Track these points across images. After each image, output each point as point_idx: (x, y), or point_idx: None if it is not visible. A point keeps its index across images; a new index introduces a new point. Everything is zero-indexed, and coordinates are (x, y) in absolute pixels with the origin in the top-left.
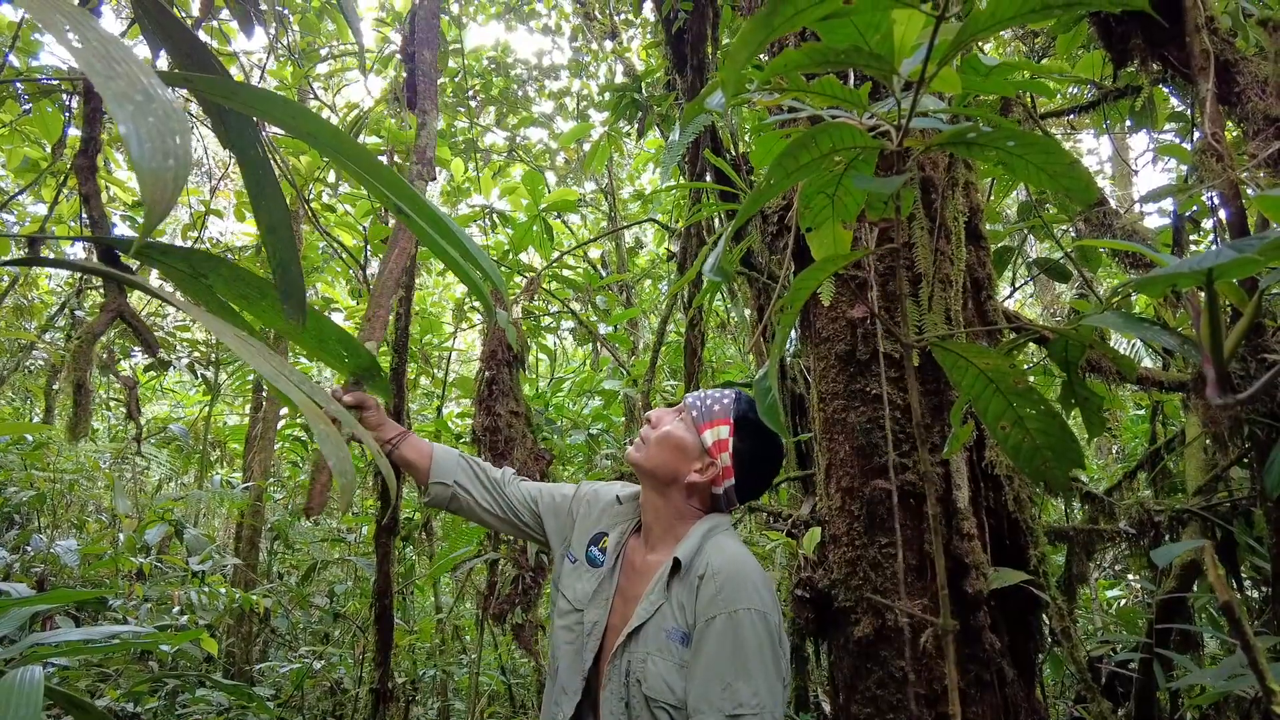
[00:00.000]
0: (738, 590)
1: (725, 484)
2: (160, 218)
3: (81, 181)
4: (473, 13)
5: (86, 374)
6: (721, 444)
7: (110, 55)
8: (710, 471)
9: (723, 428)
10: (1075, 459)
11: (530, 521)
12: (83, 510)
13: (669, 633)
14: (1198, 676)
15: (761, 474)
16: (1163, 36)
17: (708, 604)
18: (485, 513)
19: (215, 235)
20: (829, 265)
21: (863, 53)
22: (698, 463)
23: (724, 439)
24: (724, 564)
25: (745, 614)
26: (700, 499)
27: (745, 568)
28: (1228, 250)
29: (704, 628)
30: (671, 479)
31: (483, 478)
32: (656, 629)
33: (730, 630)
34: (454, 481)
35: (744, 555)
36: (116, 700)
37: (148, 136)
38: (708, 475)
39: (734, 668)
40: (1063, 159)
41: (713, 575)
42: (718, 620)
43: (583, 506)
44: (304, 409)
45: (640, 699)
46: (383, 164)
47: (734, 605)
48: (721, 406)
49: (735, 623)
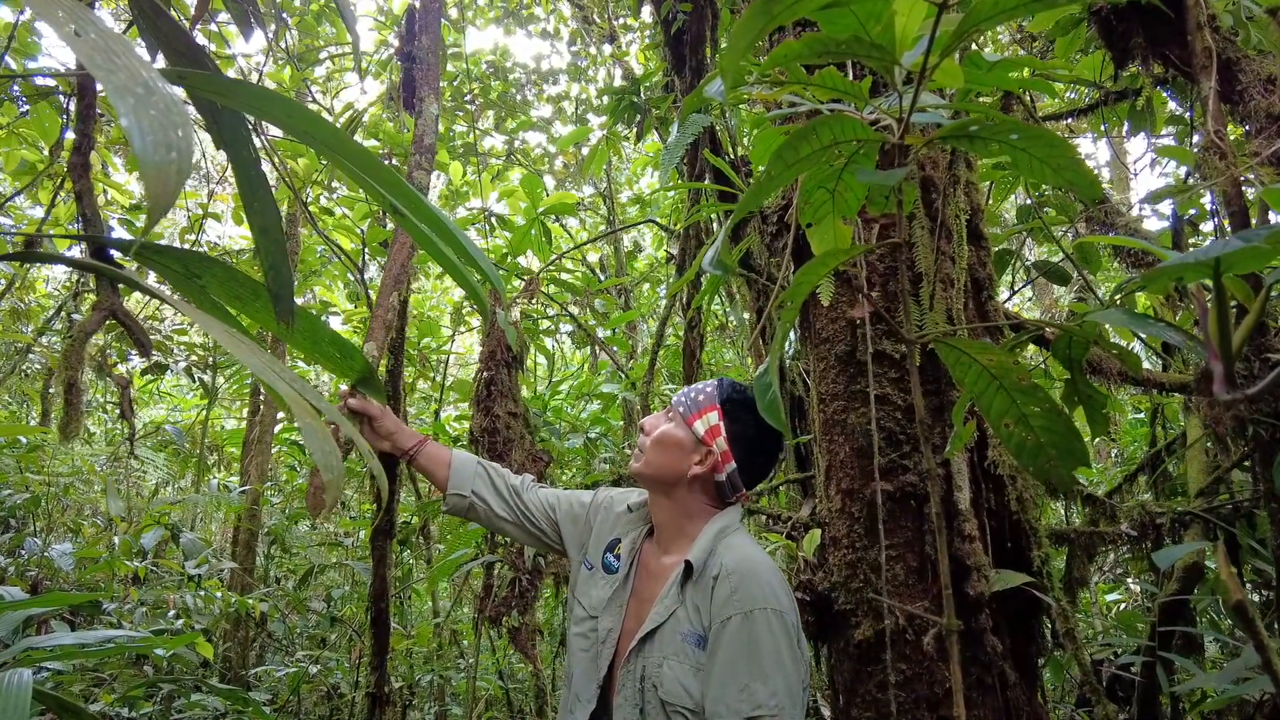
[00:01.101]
0: (753, 590)
1: (727, 469)
2: (164, 211)
3: (75, 179)
4: (471, 17)
5: (79, 373)
6: (713, 430)
7: (110, 49)
8: (709, 460)
9: (711, 414)
10: (1080, 457)
11: (548, 529)
12: (78, 514)
13: (684, 635)
14: (1202, 680)
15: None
16: (1164, 35)
17: (723, 605)
18: (503, 521)
19: (213, 239)
20: (830, 260)
21: (864, 43)
22: (695, 455)
23: (715, 424)
24: (737, 564)
25: (761, 614)
26: (706, 492)
27: (759, 567)
28: (1235, 240)
29: (719, 629)
30: (675, 479)
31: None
32: (672, 632)
33: (746, 631)
34: (471, 491)
35: (757, 554)
36: (111, 705)
37: (150, 130)
38: (707, 464)
39: (750, 669)
40: (1067, 152)
41: (726, 576)
42: (733, 621)
43: (600, 513)
44: (291, 404)
45: (656, 704)
46: (381, 163)
47: (750, 605)
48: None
49: (751, 623)
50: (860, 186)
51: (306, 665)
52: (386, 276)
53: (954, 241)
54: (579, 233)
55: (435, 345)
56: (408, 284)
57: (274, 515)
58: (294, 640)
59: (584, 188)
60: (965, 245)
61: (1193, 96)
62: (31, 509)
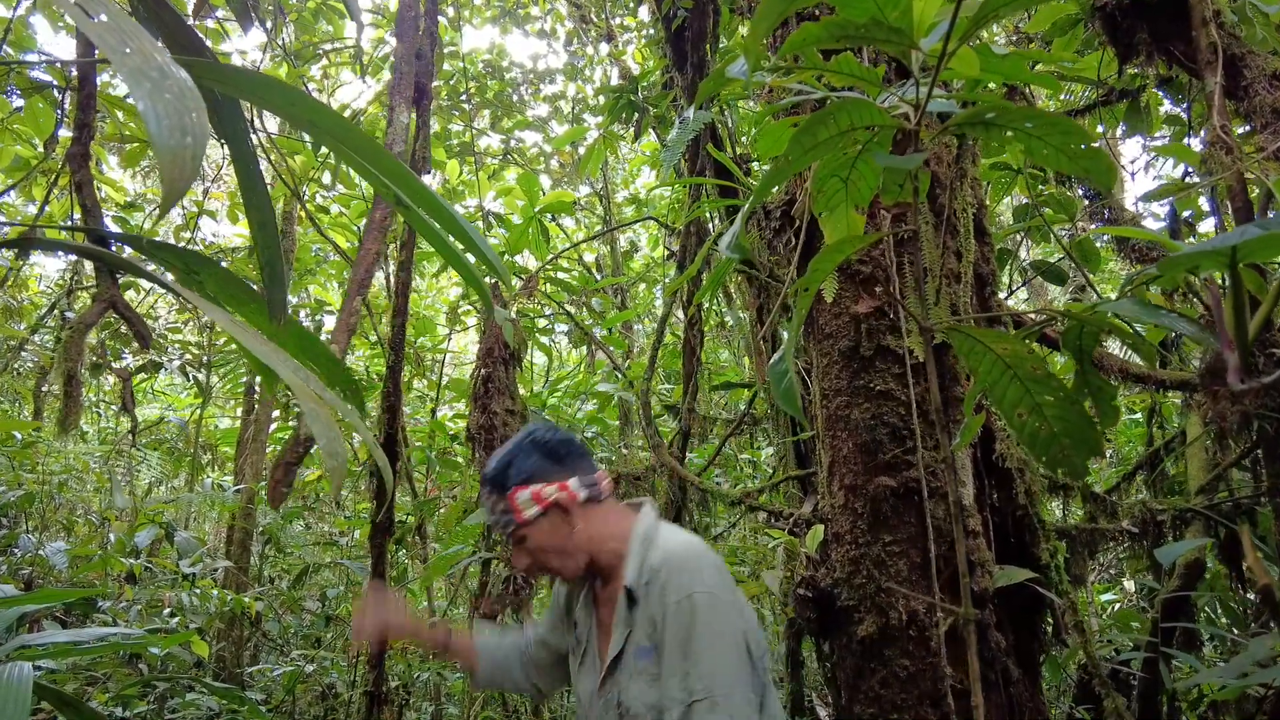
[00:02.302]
0: (679, 579)
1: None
2: (179, 195)
3: (74, 169)
4: (468, 16)
5: (78, 365)
6: (535, 496)
7: (124, 30)
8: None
9: (519, 495)
10: (1094, 447)
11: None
12: (72, 512)
13: (640, 652)
14: (1206, 676)
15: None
16: (1168, 31)
17: (657, 603)
18: (532, 685)
19: (208, 237)
20: (845, 247)
21: (882, 27)
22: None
23: (531, 493)
24: (662, 560)
25: (688, 600)
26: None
27: (682, 554)
28: (1252, 229)
29: (662, 627)
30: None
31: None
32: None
33: (677, 619)
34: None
35: (680, 544)
36: (105, 704)
37: (165, 114)
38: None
39: (685, 655)
40: (1082, 139)
41: (655, 575)
42: (668, 614)
43: (560, 593)
44: (295, 389)
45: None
46: (387, 152)
47: (678, 594)
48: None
49: (680, 611)
50: (873, 175)
51: (302, 664)
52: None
53: (959, 236)
54: (575, 232)
55: (431, 344)
56: (409, 281)
57: (269, 514)
58: (289, 639)
59: (580, 187)
60: (972, 240)
61: (1192, 94)
62: (25, 506)
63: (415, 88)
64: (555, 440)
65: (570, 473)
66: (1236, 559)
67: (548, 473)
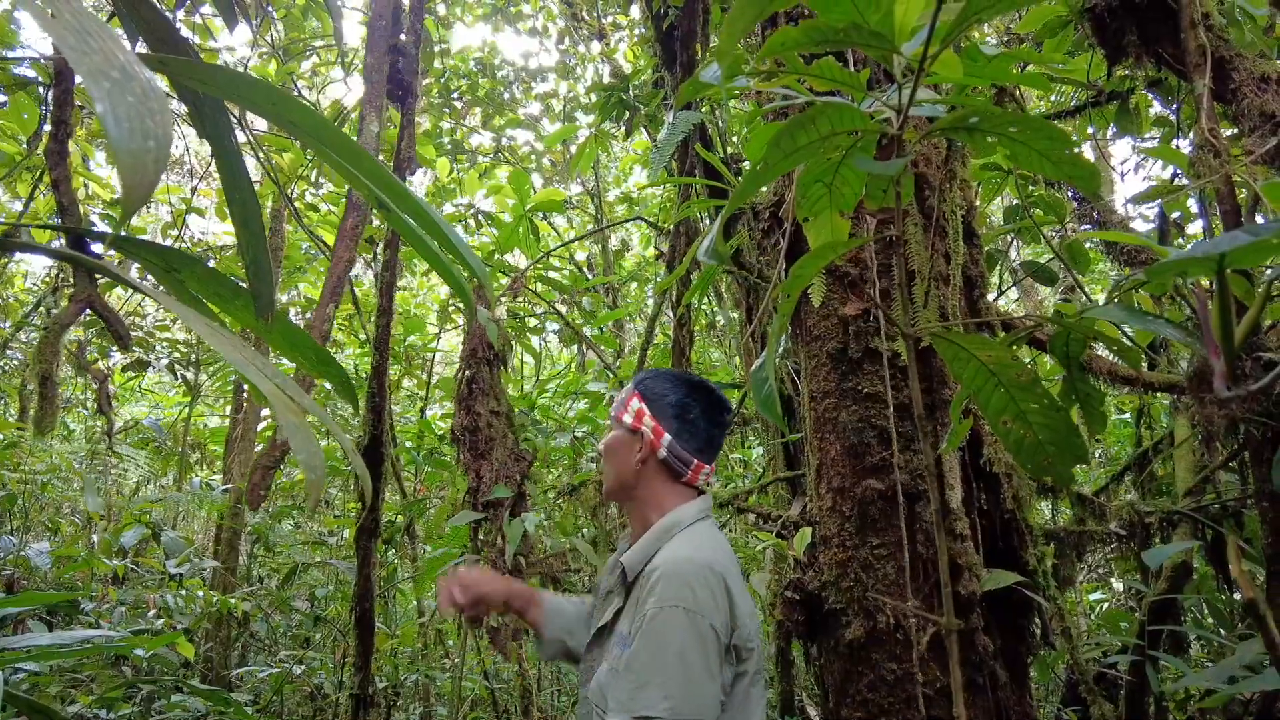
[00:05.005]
0: (670, 588)
1: (664, 443)
2: (140, 201)
3: (52, 166)
4: (460, 14)
5: (53, 366)
6: (638, 414)
7: (85, 29)
8: (645, 442)
9: (632, 402)
10: (1079, 454)
11: None
12: (56, 512)
13: (620, 638)
14: (1192, 679)
15: (690, 410)
16: (1157, 32)
17: (644, 602)
18: None
19: (196, 235)
20: (828, 252)
21: (862, 31)
22: (634, 445)
23: (638, 409)
24: (664, 561)
25: (671, 612)
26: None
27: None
28: (1241, 235)
29: (638, 628)
30: (629, 478)
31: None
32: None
33: (654, 628)
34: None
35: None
36: (89, 706)
37: (125, 116)
38: (645, 449)
39: (651, 665)
40: (1066, 145)
41: (651, 572)
42: (647, 616)
43: None
44: (272, 400)
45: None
46: (367, 154)
47: (663, 602)
48: (627, 390)
49: (659, 620)
50: (857, 181)
51: (290, 665)
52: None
53: (949, 238)
54: (566, 231)
55: (421, 343)
56: (394, 281)
57: (258, 513)
58: (277, 640)
59: (572, 186)
60: (961, 242)
61: (1181, 96)
62: (8, 507)
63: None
64: (696, 408)
65: (675, 435)
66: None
67: (663, 413)
